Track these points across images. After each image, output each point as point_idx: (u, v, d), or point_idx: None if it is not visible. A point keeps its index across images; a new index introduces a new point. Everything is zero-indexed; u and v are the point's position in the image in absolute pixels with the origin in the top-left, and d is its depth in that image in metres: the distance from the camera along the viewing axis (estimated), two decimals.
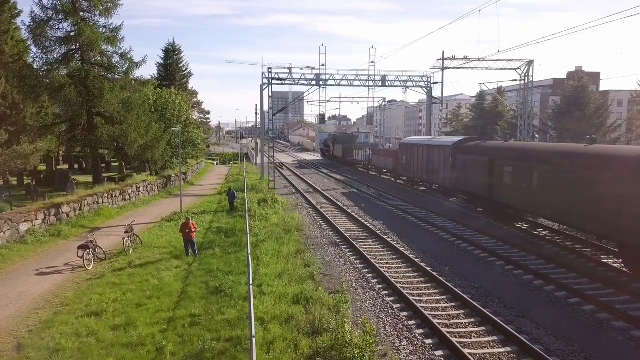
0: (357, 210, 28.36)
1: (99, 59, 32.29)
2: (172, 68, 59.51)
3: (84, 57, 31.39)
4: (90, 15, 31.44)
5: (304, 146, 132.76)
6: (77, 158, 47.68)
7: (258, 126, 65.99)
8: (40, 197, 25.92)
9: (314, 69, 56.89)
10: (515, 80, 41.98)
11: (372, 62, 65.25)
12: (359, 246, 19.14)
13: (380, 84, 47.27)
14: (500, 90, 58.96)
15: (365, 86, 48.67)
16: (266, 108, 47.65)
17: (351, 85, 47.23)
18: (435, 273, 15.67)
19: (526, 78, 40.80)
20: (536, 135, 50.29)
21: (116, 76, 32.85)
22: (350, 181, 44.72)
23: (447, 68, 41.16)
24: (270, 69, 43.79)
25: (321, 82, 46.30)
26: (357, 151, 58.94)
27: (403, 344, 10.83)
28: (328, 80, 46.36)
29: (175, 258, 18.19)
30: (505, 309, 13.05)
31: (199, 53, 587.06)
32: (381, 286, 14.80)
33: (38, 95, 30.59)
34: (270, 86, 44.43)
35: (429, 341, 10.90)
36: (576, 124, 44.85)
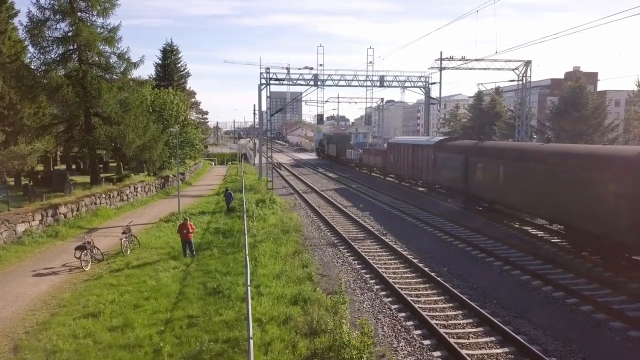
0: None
1: (96, 59, 32.22)
2: (170, 68, 59.43)
3: (81, 58, 31.32)
4: (87, 15, 31.37)
5: (302, 146, 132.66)
6: (75, 158, 47.60)
7: (256, 126, 65.95)
8: (37, 198, 25.85)
9: (312, 69, 56.85)
10: (513, 80, 42.04)
11: (370, 62, 65.49)
12: (357, 246, 19.13)
13: (378, 84, 47.31)
14: (498, 91, 59.03)
15: (363, 86, 48.69)
16: (264, 108, 47.68)
17: (349, 86, 47.26)
18: (434, 274, 15.68)
19: (524, 78, 40.84)
20: (534, 136, 50.38)
21: (114, 76, 32.79)
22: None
23: (444, 68, 41.22)
24: (268, 70, 43.77)
25: (319, 83, 46.32)
26: (350, 150, 61.20)
27: (401, 344, 10.82)
28: (326, 80, 46.38)
29: (172, 259, 18.16)
30: (503, 309, 13.06)
31: (199, 53, 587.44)
32: (379, 286, 14.80)
33: (35, 95, 30.50)
34: (268, 86, 44.41)
35: (426, 342, 10.90)
36: (574, 124, 44.89)
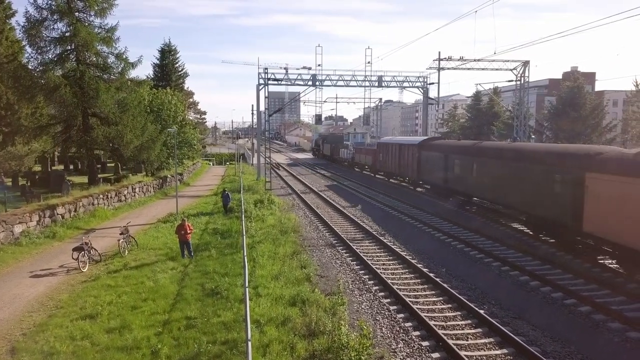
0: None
1: (94, 59, 32.18)
2: (168, 68, 59.40)
3: (79, 58, 31.26)
4: (85, 15, 31.36)
5: (300, 146, 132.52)
6: (73, 159, 47.52)
7: (254, 126, 65.96)
8: (35, 199, 25.76)
9: (310, 69, 56.80)
10: (511, 80, 42.08)
11: (369, 62, 65.36)
12: (354, 246, 19.12)
13: (377, 84, 47.26)
14: (496, 91, 59.09)
15: (361, 86, 48.66)
16: (262, 108, 47.60)
17: (347, 86, 47.18)
18: (429, 271, 15.67)
19: (522, 79, 40.87)
20: (532, 136, 50.45)
21: (112, 77, 32.72)
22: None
23: (443, 69, 41.22)
24: (266, 70, 43.69)
25: (317, 83, 46.23)
26: (343, 150, 64.54)
27: (400, 346, 10.80)
28: (324, 80, 46.31)
29: (170, 260, 18.10)
30: (502, 310, 13.05)
31: (197, 53, 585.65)
32: (377, 288, 14.77)
33: (33, 95, 30.43)
34: (266, 87, 44.34)
35: (425, 343, 10.88)
36: (572, 125, 44.98)
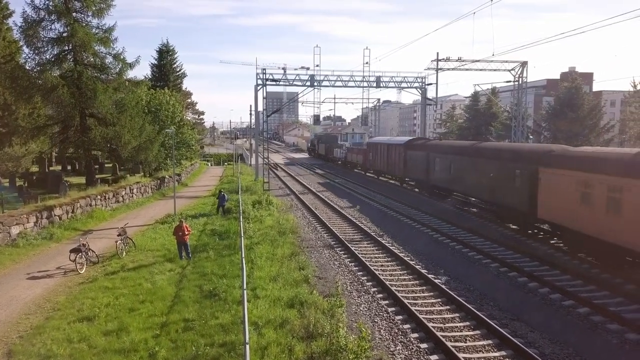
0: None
1: (91, 59, 32.00)
2: (166, 69, 59.30)
3: (76, 58, 31.12)
4: (82, 15, 31.16)
5: (298, 146, 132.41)
6: (70, 159, 47.36)
7: (252, 126, 66.01)
8: (32, 200, 25.66)
9: (308, 69, 56.85)
10: (509, 81, 42.11)
11: (367, 62, 65.36)
12: (353, 247, 19.12)
13: (375, 84, 47.23)
14: (494, 91, 59.11)
15: (359, 87, 48.65)
16: (260, 108, 47.54)
17: (346, 86, 47.16)
18: (426, 271, 15.65)
19: (520, 79, 40.90)
20: (530, 136, 50.48)
21: (109, 77, 32.60)
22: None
23: (441, 69, 41.22)
24: (264, 70, 43.66)
25: (315, 83, 46.19)
26: (337, 149, 68.61)
27: (398, 348, 10.78)
28: (322, 81, 46.26)
29: (168, 261, 18.04)
30: (500, 311, 13.04)
31: (197, 53, 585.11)
32: (376, 290, 14.76)
33: (30, 96, 30.28)
34: (264, 87, 44.30)
35: (424, 345, 10.86)
36: (570, 125, 45.04)
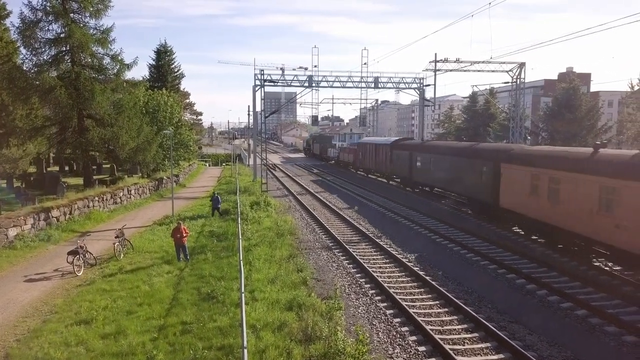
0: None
1: (89, 60, 31.92)
2: (163, 69, 59.17)
3: (74, 59, 31.03)
4: (80, 16, 31.05)
5: (296, 147, 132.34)
6: (68, 160, 47.24)
7: (250, 126, 66.04)
8: (30, 201, 25.59)
9: (306, 69, 56.84)
10: (507, 82, 42.15)
11: (365, 63, 65.32)
12: (349, 249, 19.12)
13: (373, 85, 47.24)
14: (492, 92, 59.18)
15: (357, 88, 48.63)
16: (258, 108, 47.55)
17: (344, 87, 47.13)
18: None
19: (518, 80, 40.94)
20: (528, 137, 50.56)
21: (107, 78, 32.50)
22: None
23: (439, 70, 41.23)
24: (262, 72, 43.64)
25: (313, 84, 46.15)
26: (331, 149, 72.42)
27: (396, 351, 10.77)
28: (321, 81, 46.19)
29: (166, 263, 18.01)
30: (498, 314, 13.04)
31: (197, 53, 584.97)
32: (373, 291, 14.74)
33: (28, 97, 30.20)
34: (263, 88, 44.27)
35: (422, 348, 10.85)
36: (567, 126, 45.11)
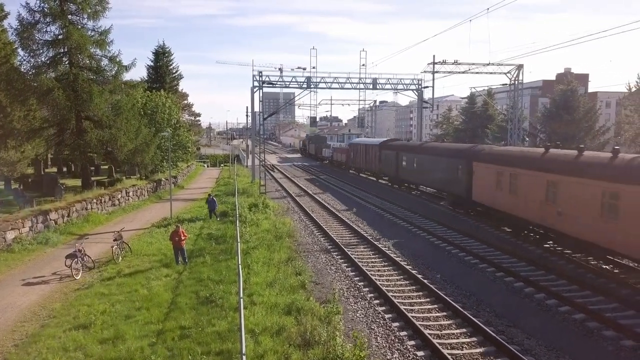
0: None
1: (87, 62, 31.92)
2: (162, 70, 59.09)
3: (72, 61, 31.02)
4: (78, 18, 31.06)
5: (294, 147, 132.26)
6: (66, 161, 47.14)
7: (249, 127, 66.09)
8: (27, 204, 25.53)
9: (304, 69, 56.81)
10: (505, 84, 42.22)
11: (363, 65, 65.42)
12: (347, 252, 19.12)
13: (371, 86, 47.33)
14: (490, 94, 59.27)
15: (356, 89, 48.71)
16: (257, 109, 47.56)
17: (342, 88, 47.21)
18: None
19: (516, 82, 41.00)
20: (526, 139, 50.62)
21: (105, 79, 32.46)
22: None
23: (437, 72, 41.28)
24: (260, 73, 43.63)
25: (312, 85, 46.19)
26: (325, 149, 75.34)
27: (395, 356, 10.77)
28: (319, 83, 46.27)
29: (165, 266, 17.99)
30: (497, 317, 13.07)
31: (197, 53, 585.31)
32: (368, 291, 14.75)
33: (26, 98, 30.17)
34: (261, 90, 44.26)
35: (420, 353, 10.86)
36: (565, 127, 45.18)
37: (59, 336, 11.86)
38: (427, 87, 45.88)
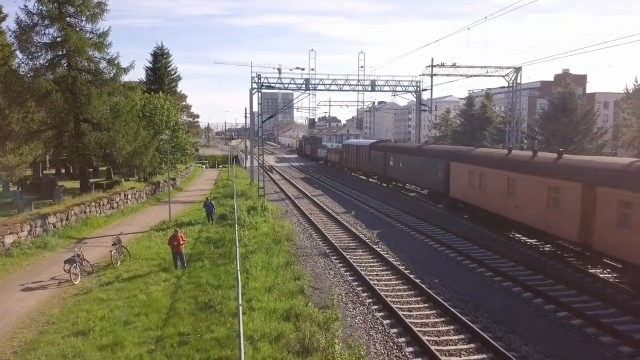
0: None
1: (85, 64, 31.89)
2: (160, 72, 59.04)
3: (70, 63, 30.99)
4: (76, 20, 31.07)
5: (293, 148, 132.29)
6: (64, 162, 47.12)
7: (248, 127, 66.20)
8: (26, 207, 25.51)
9: (303, 69, 56.74)
10: (504, 87, 42.29)
11: (362, 67, 65.43)
12: (346, 256, 19.15)
13: (370, 88, 47.35)
14: (488, 96, 59.35)
15: (354, 91, 48.74)
16: (255, 109, 47.57)
17: (341, 90, 47.25)
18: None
19: (514, 85, 41.07)
20: (524, 141, 50.75)
21: (103, 82, 32.40)
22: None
23: (436, 75, 41.32)
24: (259, 76, 43.63)
25: (310, 87, 46.18)
26: (320, 150, 78.40)
27: None
28: (317, 85, 46.24)
29: (163, 271, 17.99)
30: (495, 323, 13.09)
31: (197, 53, 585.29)
32: (366, 296, 14.78)
33: (24, 101, 30.14)
34: (259, 92, 44.26)
35: None
36: (563, 130, 45.28)
37: (57, 343, 11.85)
38: (426, 89, 45.91)
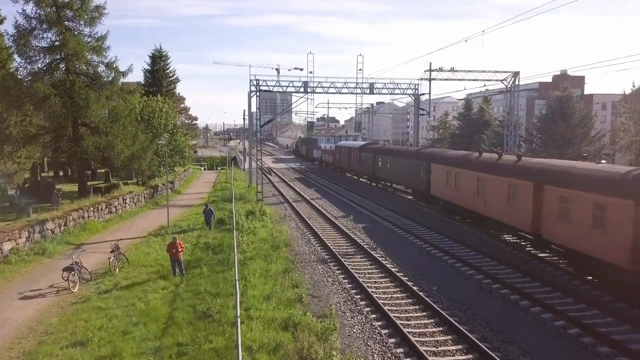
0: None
1: (84, 68, 31.87)
2: (159, 74, 58.98)
3: (68, 67, 30.96)
4: (75, 24, 31.03)
5: (291, 149, 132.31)
6: (62, 165, 47.03)
7: (246, 127, 66.29)
8: (24, 213, 25.48)
9: (301, 69, 56.60)
10: (502, 90, 42.35)
11: (360, 69, 65.40)
12: (344, 262, 19.20)
13: (368, 91, 47.31)
14: (486, 99, 59.41)
15: (353, 94, 48.73)
16: (254, 110, 47.62)
17: (339, 93, 47.22)
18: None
19: (512, 89, 41.14)
20: (522, 145, 50.84)
21: (102, 86, 32.36)
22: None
23: (434, 79, 41.37)
24: (258, 81, 43.63)
25: (309, 90, 46.16)
26: (315, 150, 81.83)
27: None
28: (316, 87, 46.18)
29: (162, 278, 17.98)
30: (492, 332, 13.14)
31: (196, 54, 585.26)
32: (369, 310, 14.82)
33: (22, 105, 30.09)
34: (257, 95, 44.27)
35: None
36: (561, 133, 45.35)
37: (56, 354, 11.86)
38: (424, 94, 45.90)
